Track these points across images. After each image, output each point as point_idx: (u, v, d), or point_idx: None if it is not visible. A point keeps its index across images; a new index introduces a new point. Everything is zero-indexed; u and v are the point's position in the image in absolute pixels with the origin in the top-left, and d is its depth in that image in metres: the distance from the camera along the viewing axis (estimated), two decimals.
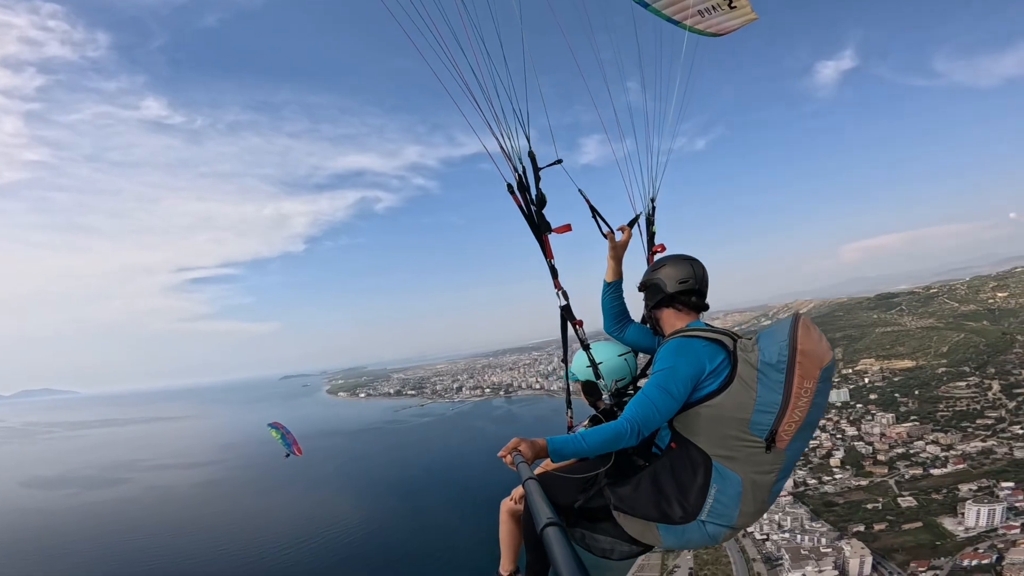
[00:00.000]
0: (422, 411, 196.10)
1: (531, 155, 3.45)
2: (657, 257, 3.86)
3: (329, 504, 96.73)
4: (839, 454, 75.50)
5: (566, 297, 3.53)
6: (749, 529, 53.34)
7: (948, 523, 56.44)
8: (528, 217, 3.47)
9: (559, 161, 3.57)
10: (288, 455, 37.54)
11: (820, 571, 49.96)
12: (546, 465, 3.48)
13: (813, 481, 70.48)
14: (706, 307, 3.14)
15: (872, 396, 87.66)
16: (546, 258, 3.48)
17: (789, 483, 59.41)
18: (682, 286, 3.04)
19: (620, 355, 3.61)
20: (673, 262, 3.14)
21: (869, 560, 51.17)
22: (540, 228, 3.45)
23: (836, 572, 50.33)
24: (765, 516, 59.23)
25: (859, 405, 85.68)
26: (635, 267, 3.59)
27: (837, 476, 71.30)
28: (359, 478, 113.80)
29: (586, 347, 3.54)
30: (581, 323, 3.56)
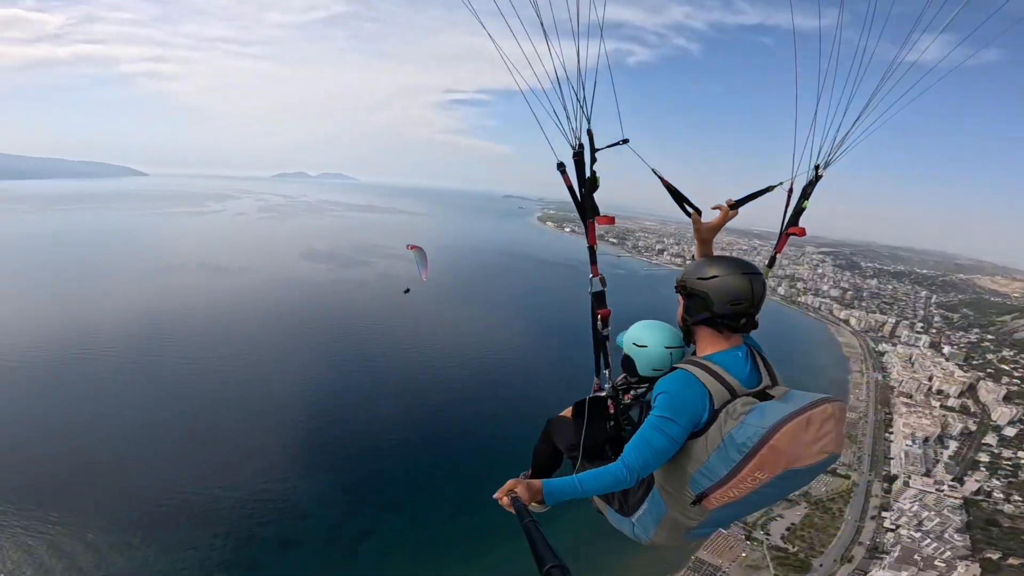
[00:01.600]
0: (616, 262, 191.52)
1: (589, 133, 3.12)
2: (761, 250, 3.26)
3: (499, 330, 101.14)
4: None
5: (603, 284, 3.38)
6: (889, 515, 53.76)
7: None
8: (576, 199, 3.22)
9: (625, 141, 3.24)
10: (407, 290, 42.97)
11: None
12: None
13: (999, 495, 59.11)
14: (755, 327, 2.84)
15: None
16: (588, 243, 3.32)
17: (970, 484, 58.94)
18: (733, 308, 2.70)
19: (667, 347, 3.38)
20: (730, 272, 2.72)
21: None
22: (587, 213, 3.20)
23: None
24: (913, 506, 53.42)
25: None
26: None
27: None
28: (532, 313, 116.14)
29: (601, 339, 3.44)
30: (608, 313, 3.39)
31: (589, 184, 3.20)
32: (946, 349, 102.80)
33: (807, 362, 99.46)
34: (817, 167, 3.39)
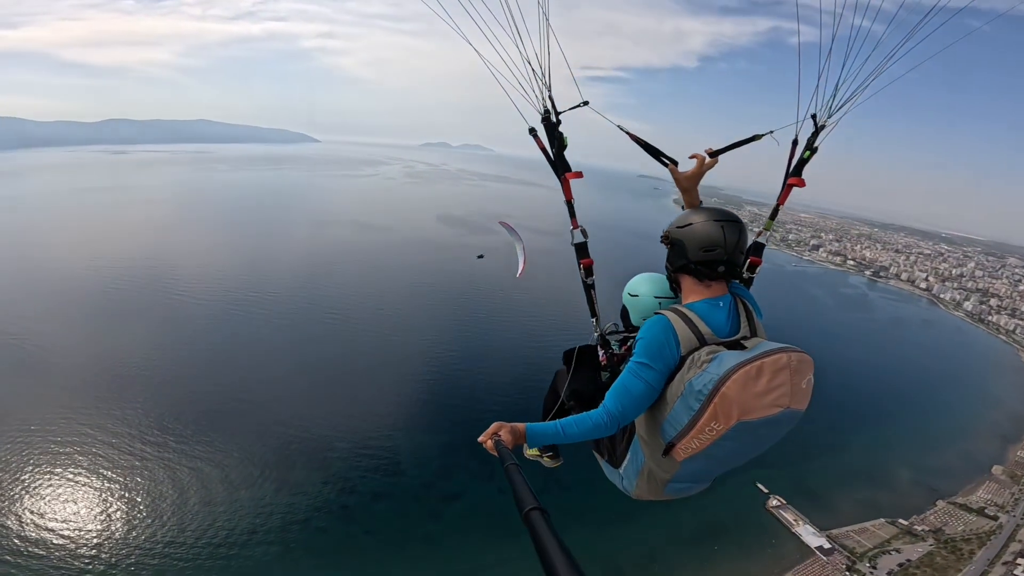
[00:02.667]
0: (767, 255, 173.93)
1: (551, 99, 3.41)
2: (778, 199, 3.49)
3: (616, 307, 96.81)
4: None
5: (584, 235, 3.56)
6: None
7: None
8: (549, 159, 3.47)
9: (585, 103, 3.47)
10: (481, 256, 42.29)
11: None
12: None
13: None
14: (737, 276, 2.91)
15: None
16: (565, 199, 3.57)
17: None
18: (705, 255, 2.73)
19: (656, 296, 3.54)
20: (704, 220, 2.77)
21: None
22: (560, 170, 3.47)
23: None
24: None
25: None
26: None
27: None
28: None
29: (588, 287, 3.63)
30: (591, 262, 3.57)
31: (559, 143, 3.39)
32: None
33: (984, 389, 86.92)
34: (814, 116, 3.30)
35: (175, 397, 54.83)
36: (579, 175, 3.48)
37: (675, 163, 3.44)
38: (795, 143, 3.32)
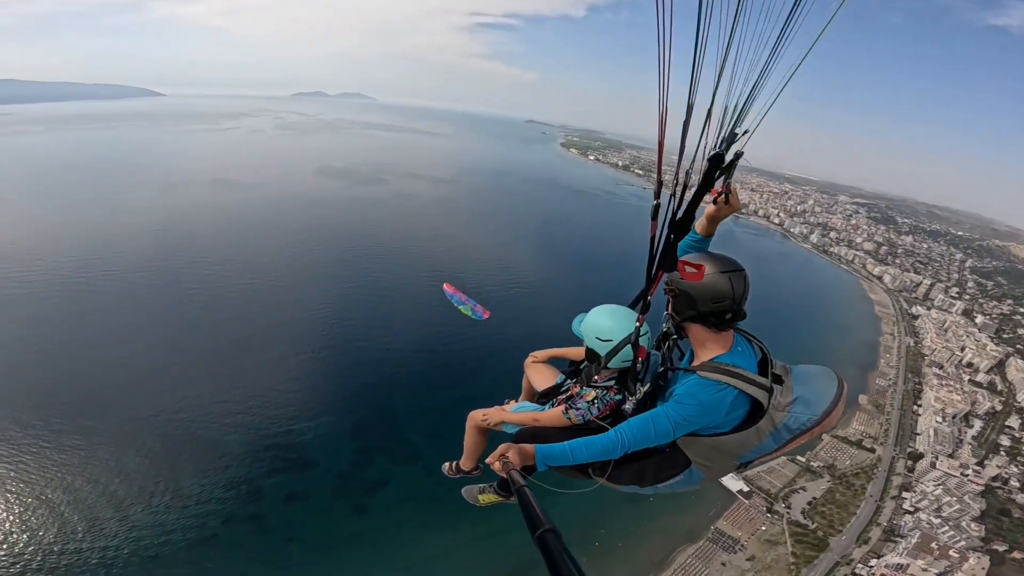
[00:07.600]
0: (643, 193, 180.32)
1: (717, 156, 2.56)
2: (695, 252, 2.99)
3: (518, 257, 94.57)
4: None
5: (637, 333, 3.09)
6: (910, 496, 52.14)
7: None
8: (657, 245, 2.66)
9: (739, 155, 2.66)
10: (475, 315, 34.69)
11: (925, 570, 41.41)
12: (528, 418, 3.51)
13: (1016, 483, 54.35)
14: (741, 318, 2.81)
15: None
16: (647, 292, 2.93)
17: (990, 470, 56.04)
18: (715, 307, 2.72)
19: (628, 334, 3.24)
20: (711, 272, 2.67)
21: None
22: (665, 263, 2.64)
23: None
24: (936, 490, 51.85)
25: None
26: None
27: None
28: (551, 247, 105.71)
29: (634, 342, 3.14)
30: (645, 352, 3.22)
31: (681, 225, 2.57)
32: (979, 319, 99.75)
33: (837, 319, 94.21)
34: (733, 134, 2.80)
35: (21, 398, 43.85)
36: (697, 277, 2.60)
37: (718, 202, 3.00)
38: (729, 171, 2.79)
